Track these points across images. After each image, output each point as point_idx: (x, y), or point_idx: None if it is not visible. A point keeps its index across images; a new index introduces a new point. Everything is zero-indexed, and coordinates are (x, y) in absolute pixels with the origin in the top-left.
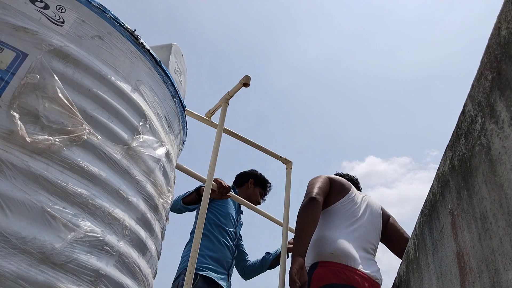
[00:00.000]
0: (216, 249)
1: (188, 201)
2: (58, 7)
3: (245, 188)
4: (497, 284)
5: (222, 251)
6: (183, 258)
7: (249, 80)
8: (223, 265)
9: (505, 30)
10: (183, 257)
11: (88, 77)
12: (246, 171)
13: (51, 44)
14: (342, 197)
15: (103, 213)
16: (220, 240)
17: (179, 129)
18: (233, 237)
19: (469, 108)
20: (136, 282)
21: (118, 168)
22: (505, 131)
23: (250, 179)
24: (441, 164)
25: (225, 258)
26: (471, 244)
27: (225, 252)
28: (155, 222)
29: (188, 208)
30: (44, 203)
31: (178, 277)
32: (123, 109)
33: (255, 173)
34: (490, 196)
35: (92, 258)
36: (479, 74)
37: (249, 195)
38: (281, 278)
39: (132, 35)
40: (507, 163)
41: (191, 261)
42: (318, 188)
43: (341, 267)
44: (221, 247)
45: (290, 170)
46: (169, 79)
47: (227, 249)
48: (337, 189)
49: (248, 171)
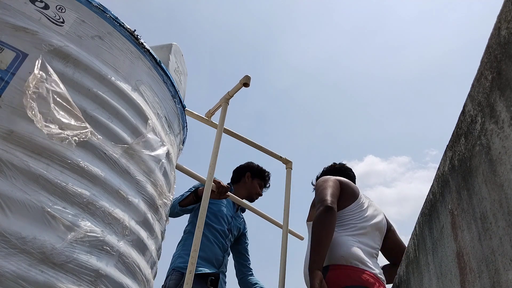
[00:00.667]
0: (204, 247)
1: (186, 204)
2: (58, 7)
3: (243, 183)
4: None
5: (211, 249)
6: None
7: (249, 80)
8: (212, 262)
9: (505, 30)
10: (173, 257)
11: (88, 77)
12: (242, 165)
13: (51, 44)
14: (352, 202)
15: (103, 213)
16: (209, 238)
17: (179, 129)
18: (224, 235)
19: (469, 108)
20: (136, 282)
21: (118, 168)
22: (505, 131)
23: (247, 172)
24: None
25: (214, 256)
26: (471, 244)
27: (214, 250)
28: (155, 222)
29: (186, 210)
30: (44, 203)
31: (166, 279)
32: (123, 109)
33: (251, 165)
34: (490, 196)
35: (92, 258)
36: (479, 74)
37: (249, 189)
38: (281, 278)
39: (132, 35)
40: (507, 163)
41: (191, 261)
42: (332, 196)
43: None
44: (210, 245)
45: (290, 170)
46: (169, 79)
47: (216, 247)
48: (348, 195)
49: (243, 165)
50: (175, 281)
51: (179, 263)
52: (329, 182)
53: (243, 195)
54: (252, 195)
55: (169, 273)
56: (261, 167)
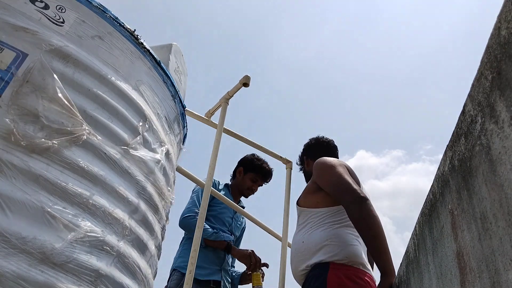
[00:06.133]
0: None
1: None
2: (58, 7)
3: (236, 179)
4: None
5: (211, 249)
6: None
7: (249, 80)
8: (213, 261)
9: (505, 30)
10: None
11: (88, 77)
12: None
13: (51, 44)
14: None
15: (103, 213)
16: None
17: (179, 129)
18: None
19: (469, 108)
20: (136, 282)
21: (118, 168)
22: (505, 131)
23: (239, 167)
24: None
25: (215, 254)
26: (471, 244)
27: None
28: (155, 222)
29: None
30: (44, 203)
31: (168, 279)
32: (123, 109)
33: (245, 160)
34: (490, 196)
35: (92, 258)
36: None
37: (240, 186)
38: (281, 278)
39: (132, 35)
40: (507, 163)
41: (191, 261)
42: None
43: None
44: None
45: (290, 170)
46: (169, 79)
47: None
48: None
49: (240, 159)
50: (176, 281)
51: (180, 263)
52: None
53: (237, 192)
54: (243, 191)
55: (170, 273)
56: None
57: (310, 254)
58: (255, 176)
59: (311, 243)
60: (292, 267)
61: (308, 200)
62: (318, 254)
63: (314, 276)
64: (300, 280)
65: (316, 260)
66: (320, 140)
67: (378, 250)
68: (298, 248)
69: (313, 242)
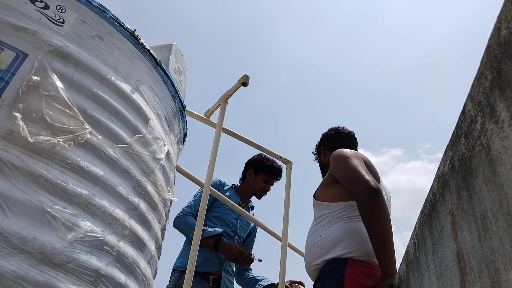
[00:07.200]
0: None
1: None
2: (58, 7)
3: (247, 181)
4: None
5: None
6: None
7: (248, 79)
8: (214, 261)
9: (505, 30)
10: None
11: (88, 77)
12: (248, 160)
13: (51, 44)
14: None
15: (103, 213)
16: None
17: (179, 129)
18: (228, 236)
19: (469, 108)
20: (136, 282)
21: (118, 168)
22: (505, 131)
23: (249, 169)
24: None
25: (217, 254)
26: (471, 244)
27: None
28: (155, 222)
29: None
30: (44, 203)
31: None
32: (123, 109)
33: (254, 160)
34: (490, 196)
35: (92, 258)
36: (479, 74)
37: (252, 187)
38: (281, 278)
39: (132, 35)
40: (507, 163)
41: (190, 260)
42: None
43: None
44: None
45: (290, 170)
46: (169, 79)
47: None
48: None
49: (249, 160)
50: (174, 282)
51: (179, 263)
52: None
53: (248, 193)
54: (256, 193)
55: (171, 274)
56: (265, 159)
57: (327, 248)
58: (267, 177)
59: (328, 237)
60: (306, 260)
61: (324, 194)
62: (335, 249)
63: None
64: (314, 275)
65: (333, 255)
66: (340, 131)
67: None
68: (315, 242)
69: (330, 236)
